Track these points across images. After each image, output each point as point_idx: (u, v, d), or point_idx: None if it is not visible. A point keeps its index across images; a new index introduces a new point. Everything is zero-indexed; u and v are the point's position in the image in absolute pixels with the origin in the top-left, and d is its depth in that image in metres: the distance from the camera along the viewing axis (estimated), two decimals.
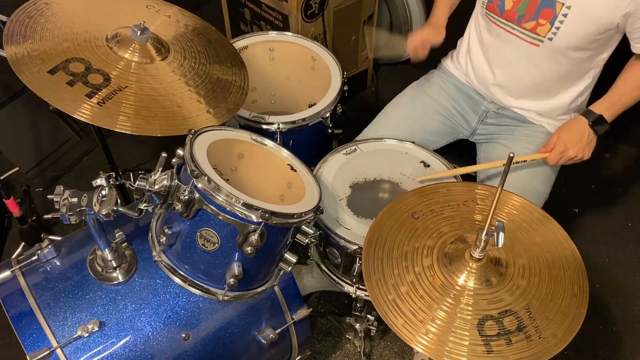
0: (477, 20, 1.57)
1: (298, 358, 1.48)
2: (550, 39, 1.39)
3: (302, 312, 1.37)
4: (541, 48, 1.42)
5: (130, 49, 1.30)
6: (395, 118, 1.66)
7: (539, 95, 1.53)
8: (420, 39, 1.55)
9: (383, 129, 1.63)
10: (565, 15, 1.34)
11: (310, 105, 1.63)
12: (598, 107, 1.44)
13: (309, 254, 1.55)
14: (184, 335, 1.21)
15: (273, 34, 1.84)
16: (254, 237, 1.09)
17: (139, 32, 1.30)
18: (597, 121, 1.42)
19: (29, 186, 2.02)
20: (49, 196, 1.09)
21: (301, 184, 1.31)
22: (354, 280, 1.43)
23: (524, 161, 1.48)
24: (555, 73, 1.46)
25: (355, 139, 1.64)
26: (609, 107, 1.43)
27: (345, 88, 1.68)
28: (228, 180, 1.18)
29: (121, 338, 1.16)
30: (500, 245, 0.97)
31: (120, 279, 1.21)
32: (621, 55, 1.45)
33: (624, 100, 1.43)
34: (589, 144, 1.44)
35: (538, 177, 1.51)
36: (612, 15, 1.31)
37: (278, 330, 1.32)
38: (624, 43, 1.41)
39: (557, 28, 1.37)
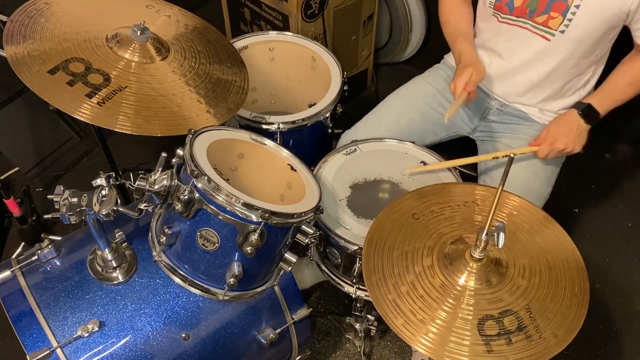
0: (483, 19, 1.56)
1: (298, 358, 1.48)
2: (562, 32, 1.39)
3: (302, 312, 1.37)
4: (552, 42, 1.41)
5: (130, 49, 1.30)
6: (398, 106, 1.66)
7: (544, 91, 1.53)
8: (466, 83, 1.42)
9: (385, 116, 1.63)
10: (577, 7, 1.34)
11: (310, 105, 1.63)
12: (588, 98, 1.45)
13: (309, 254, 1.55)
14: (184, 335, 1.21)
15: (273, 34, 1.83)
16: (254, 237, 1.09)
17: (139, 32, 1.30)
18: (586, 110, 1.42)
19: (29, 186, 2.01)
20: (49, 196, 1.09)
21: (301, 184, 1.31)
22: (354, 281, 1.43)
23: (514, 155, 1.47)
24: (562, 67, 1.46)
25: (356, 124, 1.64)
26: (600, 99, 1.43)
27: (345, 88, 1.68)
28: (228, 180, 1.18)
29: (121, 338, 1.16)
30: (500, 246, 0.97)
31: (120, 278, 1.21)
32: (625, 52, 1.45)
33: (616, 94, 1.44)
34: (579, 136, 1.43)
35: (539, 178, 1.51)
36: (623, 4, 1.31)
37: (278, 330, 1.32)
38: (627, 40, 1.41)
39: (570, 20, 1.36)
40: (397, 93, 1.71)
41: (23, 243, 1.91)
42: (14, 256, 1.23)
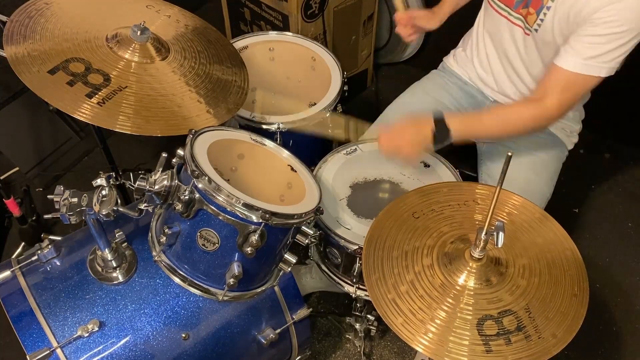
0: (483, 9, 1.55)
1: (298, 358, 1.48)
2: (536, 30, 1.37)
3: (302, 312, 1.37)
4: (531, 37, 1.40)
5: (130, 49, 1.30)
6: (396, 119, 1.66)
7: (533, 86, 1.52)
8: (409, 17, 1.56)
9: None
10: (548, 9, 1.31)
11: (311, 105, 1.63)
12: (452, 119, 1.31)
13: (309, 254, 1.55)
14: (184, 335, 1.21)
15: (273, 34, 1.84)
16: (254, 238, 1.09)
17: (139, 32, 1.30)
18: (439, 123, 1.30)
19: (29, 186, 2.02)
20: (49, 196, 1.09)
21: (301, 185, 1.31)
22: (354, 280, 1.43)
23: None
24: (540, 64, 1.43)
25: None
26: (458, 121, 1.33)
27: (345, 88, 1.68)
28: (228, 180, 1.18)
29: (121, 338, 1.16)
30: (500, 245, 0.97)
31: (120, 279, 1.21)
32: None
33: (479, 129, 1.38)
34: (413, 144, 1.32)
35: (541, 178, 1.51)
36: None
37: (278, 330, 1.32)
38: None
39: (542, 20, 1.34)
40: (395, 104, 1.70)
41: (23, 243, 1.91)
42: (14, 256, 1.24)
